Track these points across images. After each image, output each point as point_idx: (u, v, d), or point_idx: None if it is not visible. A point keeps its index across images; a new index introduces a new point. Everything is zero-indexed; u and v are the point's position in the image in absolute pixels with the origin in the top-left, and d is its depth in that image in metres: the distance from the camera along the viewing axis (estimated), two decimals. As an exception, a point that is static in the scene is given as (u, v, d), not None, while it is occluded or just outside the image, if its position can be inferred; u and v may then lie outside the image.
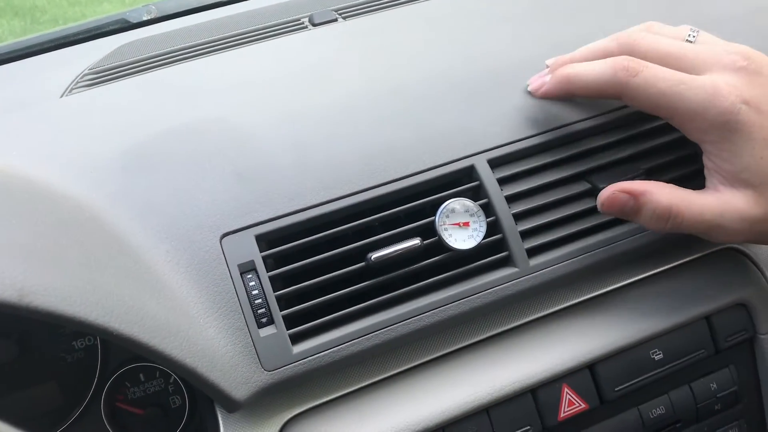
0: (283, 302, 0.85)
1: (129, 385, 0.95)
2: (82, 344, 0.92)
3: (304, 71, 1.10)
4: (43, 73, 1.38)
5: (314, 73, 1.09)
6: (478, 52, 1.08)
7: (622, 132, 0.98)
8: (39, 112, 1.12)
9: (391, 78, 1.05)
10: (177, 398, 0.96)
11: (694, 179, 0.97)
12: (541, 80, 0.96)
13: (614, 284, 0.98)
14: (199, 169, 0.91)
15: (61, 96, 1.24)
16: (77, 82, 1.29)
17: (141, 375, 0.94)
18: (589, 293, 0.97)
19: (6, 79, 1.42)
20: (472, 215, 0.89)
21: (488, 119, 0.96)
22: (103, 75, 1.29)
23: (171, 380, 0.94)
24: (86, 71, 1.33)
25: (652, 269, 0.99)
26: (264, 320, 0.83)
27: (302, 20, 1.39)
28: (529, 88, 0.98)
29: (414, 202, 0.91)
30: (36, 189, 0.87)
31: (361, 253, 0.87)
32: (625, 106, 0.98)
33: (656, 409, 0.94)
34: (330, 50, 1.18)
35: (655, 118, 0.97)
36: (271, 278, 0.84)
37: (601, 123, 0.97)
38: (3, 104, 1.22)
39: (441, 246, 0.88)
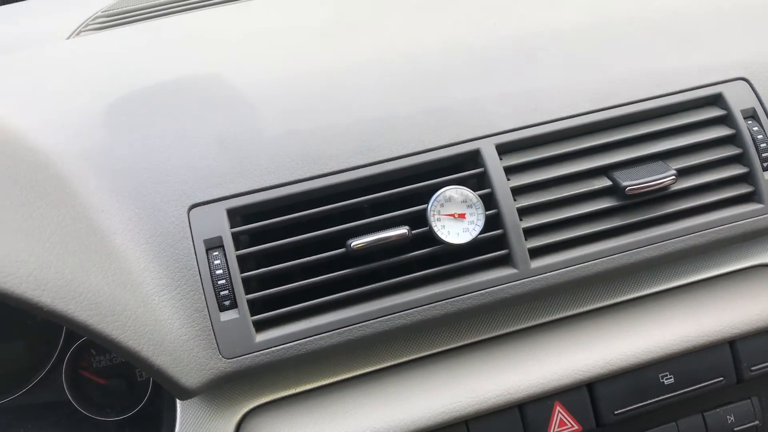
0: (251, 285, 0.78)
1: (95, 352, 0.90)
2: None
3: (314, 29, 1.01)
4: (60, 12, 1.33)
5: (324, 31, 1.00)
6: (504, 19, 0.97)
7: (651, 125, 0.86)
8: (38, 54, 1.06)
9: (406, 43, 0.95)
10: (143, 372, 0.90)
11: (735, 185, 0.86)
12: None
13: (625, 295, 0.87)
14: (179, 129, 0.84)
15: (68, 38, 1.18)
16: (87, 24, 1.23)
17: (107, 344, 0.89)
18: (596, 303, 0.87)
19: (22, 15, 1.37)
20: (469, 206, 0.79)
21: (504, 97, 0.86)
22: (114, 18, 1.23)
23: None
24: (99, 13, 1.27)
25: (672, 282, 0.88)
26: (227, 303, 0.76)
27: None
28: None
29: (408, 186, 0.82)
30: (2, 140, 0.81)
31: (343, 238, 0.79)
32: (657, 96, 0.86)
33: (661, 438, 0.85)
34: (345, 8, 1.08)
35: (688, 112, 0.85)
36: (239, 258, 0.77)
37: (627, 114, 0.85)
38: (9, 42, 1.18)
39: (432, 237, 0.79)
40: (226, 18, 1.11)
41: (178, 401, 0.80)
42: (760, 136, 0.87)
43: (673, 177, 0.82)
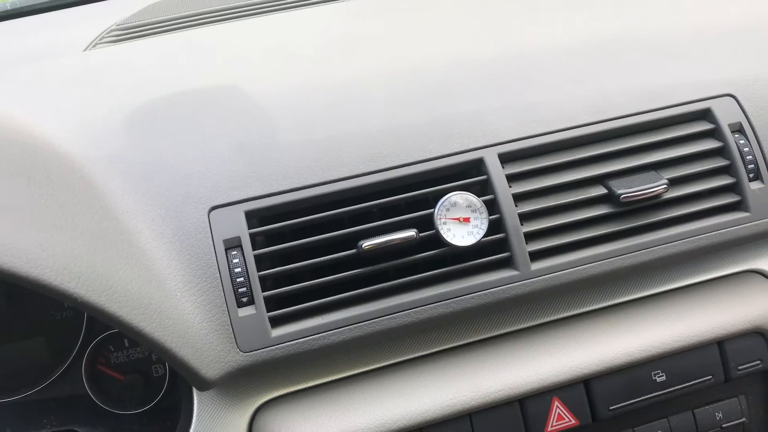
0: (267, 283, 0.82)
1: (113, 349, 0.94)
2: (69, 303, 0.91)
3: (327, 43, 1.06)
4: (74, 25, 1.37)
5: (337, 46, 1.05)
6: (507, 35, 1.02)
7: (645, 137, 0.91)
8: (59, 64, 1.11)
9: (413, 57, 1.00)
10: (159, 367, 0.94)
11: (723, 195, 0.91)
12: None
13: (620, 298, 0.92)
14: (198, 137, 0.89)
15: (85, 50, 1.22)
16: (103, 37, 1.27)
17: (125, 340, 0.93)
18: (593, 305, 0.92)
19: (37, 29, 1.41)
20: (473, 211, 0.84)
21: (506, 110, 0.91)
22: (129, 31, 1.27)
23: (154, 349, 0.93)
24: (114, 26, 1.32)
25: (665, 285, 0.93)
26: (244, 300, 0.80)
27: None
28: None
29: (415, 192, 0.86)
30: (31, 144, 0.85)
31: (354, 240, 0.84)
32: (650, 110, 0.91)
33: (653, 433, 0.89)
34: (359, 24, 1.14)
35: (679, 125, 0.91)
36: (257, 257, 0.81)
37: (622, 126, 0.91)
38: (29, 53, 1.22)
39: (438, 240, 0.84)
40: (239, 33, 1.16)
41: (195, 394, 0.84)
42: (746, 149, 0.92)
43: (665, 186, 0.88)
